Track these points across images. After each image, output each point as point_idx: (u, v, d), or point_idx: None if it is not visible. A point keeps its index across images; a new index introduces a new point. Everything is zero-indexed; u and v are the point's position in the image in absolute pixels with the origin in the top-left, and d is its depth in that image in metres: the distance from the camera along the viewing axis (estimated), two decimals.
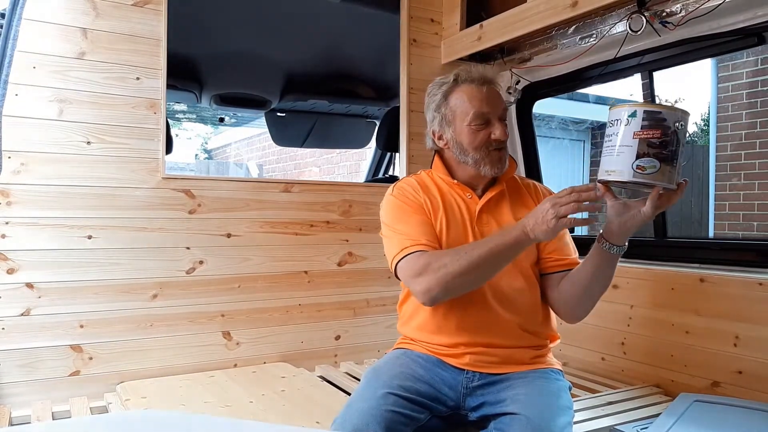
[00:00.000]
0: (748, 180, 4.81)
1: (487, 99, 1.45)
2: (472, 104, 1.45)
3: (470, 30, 2.53)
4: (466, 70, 1.49)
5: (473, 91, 1.46)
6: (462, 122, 1.46)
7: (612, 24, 2.07)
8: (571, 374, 2.21)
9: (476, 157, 1.46)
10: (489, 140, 1.45)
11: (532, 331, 1.48)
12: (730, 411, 1.66)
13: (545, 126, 6.26)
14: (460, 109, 1.47)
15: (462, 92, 1.47)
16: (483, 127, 1.45)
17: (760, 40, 1.86)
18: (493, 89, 1.47)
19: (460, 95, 1.47)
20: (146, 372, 2.09)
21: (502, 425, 1.28)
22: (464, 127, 1.46)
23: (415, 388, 1.34)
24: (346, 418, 1.27)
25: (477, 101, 1.45)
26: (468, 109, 1.45)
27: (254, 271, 2.30)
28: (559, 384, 1.42)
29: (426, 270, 1.32)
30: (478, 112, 1.44)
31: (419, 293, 1.35)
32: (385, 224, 1.49)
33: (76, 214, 1.99)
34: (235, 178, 4.41)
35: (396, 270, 1.41)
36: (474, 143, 1.45)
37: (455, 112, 1.48)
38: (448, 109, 1.49)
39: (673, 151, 1.24)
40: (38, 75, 1.93)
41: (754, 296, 1.80)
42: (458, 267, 1.29)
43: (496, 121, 1.45)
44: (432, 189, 1.52)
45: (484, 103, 1.44)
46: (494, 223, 1.49)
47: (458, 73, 1.50)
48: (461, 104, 1.47)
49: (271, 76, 2.86)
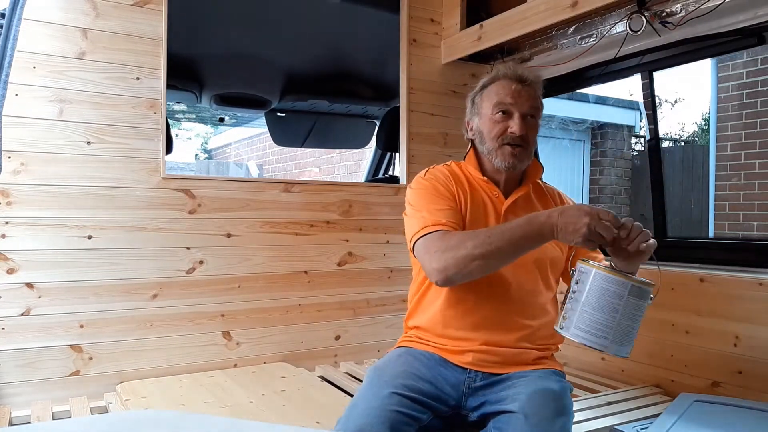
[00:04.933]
0: (748, 180, 4.81)
1: (514, 93, 1.47)
2: (498, 95, 1.48)
3: (470, 30, 2.53)
4: (507, 67, 1.52)
5: (505, 84, 1.49)
6: (487, 111, 1.50)
7: (612, 24, 2.07)
8: (571, 374, 2.21)
9: (491, 147, 1.48)
10: (505, 133, 1.46)
11: (540, 335, 1.48)
12: (730, 411, 1.66)
13: (545, 126, 6.26)
14: (487, 99, 1.50)
15: (496, 85, 1.50)
16: (503, 119, 1.47)
17: (760, 40, 1.86)
18: (526, 87, 1.48)
19: (493, 87, 1.51)
20: (146, 372, 2.09)
21: (500, 424, 1.28)
22: (487, 116, 1.49)
23: (418, 387, 1.34)
24: (350, 418, 1.27)
25: (503, 93, 1.47)
26: (493, 99, 1.48)
27: (254, 271, 2.30)
28: (560, 385, 1.42)
29: (447, 249, 1.29)
30: (499, 102, 1.47)
31: (434, 271, 1.31)
32: (411, 205, 1.47)
33: (76, 214, 1.99)
34: (235, 178, 4.41)
35: (414, 247, 1.38)
36: (491, 133, 1.48)
37: (484, 101, 1.52)
38: (480, 99, 1.53)
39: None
40: (38, 75, 1.93)
41: (754, 296, 1.80)
42: (478, 251, 1.26)
43: (517, 116, 1.46)
44: (463, 181, 1.53)
45: (509, 96, 1.46)
46: None
47: (500, 69, 1.53)
48: (490, 95, 1.50)
49: (271, 76, 2.86)
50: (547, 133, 6.37)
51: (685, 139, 7.00)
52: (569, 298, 1.28)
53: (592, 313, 1.24)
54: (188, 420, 0.73)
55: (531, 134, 1.48)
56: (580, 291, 1.26)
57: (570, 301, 1.28)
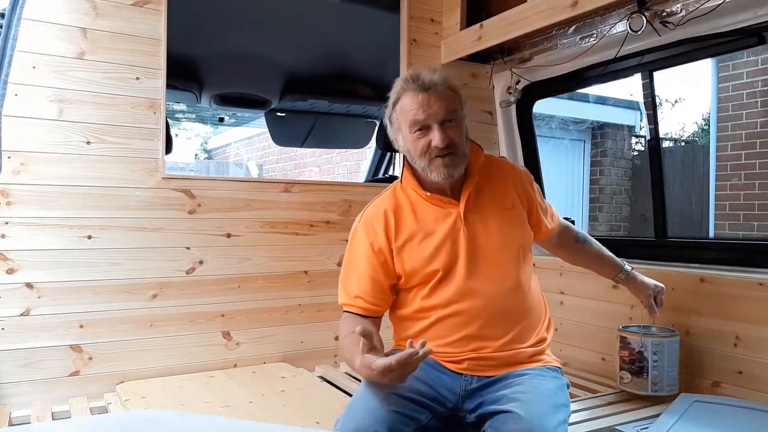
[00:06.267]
0: (748, 180, 4.81)
1: (424, 105, 1.40)
2: (410, 112, 1.42)
3: (470, 30, 2.53)
4: (410, 76, 1.45)
5: (412, 97, 1.42)
6: (405, 130, 1.46)
7: (612, 24, 2.07)
8: (571, 374, 2.21)
9: (422, 165, 1.45)
10: (430, 147, 1.42)
11: (529, 334, 1.48)
12: (730, 411, 1.66)
13: (545, 126, 6.25)
14: (402, 117, 1.46)
15: (404, 99, 1.45)
16: (423, 134, 1.42)
17: (760, 40, 1.86)
18: (435, 93, 1.41)
19: (402, 103, 1.45)
20: (146, 372, 2.09)
21: (497, 423, 1.28)
22: (408, 135, 1.45)
23: (416, 388, 1.34)
24: (348, 417, 1.27)
25: (414, 109, 1.42)
26: (407, 117, 1.43)
27: (254, 271, 2.30)
28: (556, 382, 1.42)
29: (340, 335, 1.49)
30: (414, 120, 1.42)
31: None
32: (346, 250, 1.60)
33: (76, 214, 1.99)
34: (235, 178, 4.41)
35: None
36: (416, 151, 1.44)
37: (400, 120, 1.47)
38: (395, 117, 1.49)
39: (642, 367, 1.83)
40: (38, 75, 1.93)
41: (754, 296, 1.80)
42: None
43: (436, 128, 1.41)
44: (403, 208, 1.51)
45: (420, 110, 1.41)
46: (480, 221, 1.49)
47: (404, 78, 1.47)
48: (402, 112, 1.45)
49: (271, 76, 2.86)
50: (547, 133, 6.37)
51: (686, 139, 6.99)
52: (652, 366, 1.82)
53: (671, 369, 1.84)
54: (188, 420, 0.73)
55: (456, 137, 1.43)
56: (661, 359, 1.82)
57: (655, 369, 1.82)
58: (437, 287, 1.46)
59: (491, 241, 1.48)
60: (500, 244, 1.48)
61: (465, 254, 1.45)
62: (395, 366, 1.17)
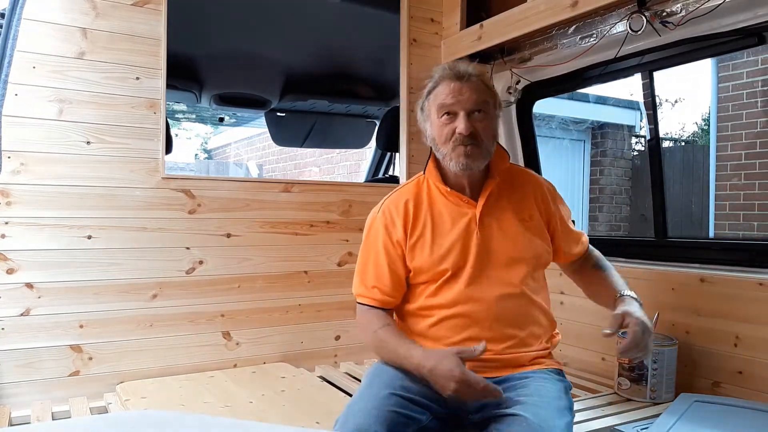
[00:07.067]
0: (748, 180, 4.81)
1: (455, 92, 1.43)
2: (440, 96, 1.45)
3: (470, 30, 2.53)
4: (447, 66, 1.49)
5: (445, 85, 1.46)
6: (434, 116, 1.48)
7: (612, 24, 2.07)
8: (571, 374, 2.21)
9: (444, 152, 1.46)
10: (454, 134, 1.43)
11: (530, 340, 1.48)
12: (730, 411, 1.65)
13: (545, 126, 6.26)
14: (433, 104, 1.48)
15: (438, 89, 1.48)
16: (450, 121, 1.44)
17: (760, 40, 1.86)
18: (468, 83, 1.44)
19: (436, 91, 1.48)
20: (146, 372, 2.09)
21: (503, 426, 1.28)
22: (435, 120, 1.47)
23: (416, 388, 1.34)
24: (348, 418, 1.27)
25: (445, 94, 1.44)
26: (437, 101, 1.46)
27: (254, 271, 2.30)
28: (559, 385, 1.42)
29: (361, 330, 1.53)
30: (442, 104, 1.44)
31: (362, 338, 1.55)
32: (360, 250, 1.56)
33: (76, 214, 1.99)
34: (234, 178, 4.41)
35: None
36: (441, 137, 1.46)
37: (431, 107, 1.49)
38: (427, 105, 1.51)
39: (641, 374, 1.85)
40: (38, 75, 1.93)
41: (754, 296, 1.80)
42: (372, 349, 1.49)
43: (462, 115, 1.42)
44: (422, 202, 1.51)
45: (450, 96, 1.43)
46: (495, 225, 1.49)
47: (441, 67, 1.50)
48: (434, 99, 1.48)
49: (271, 76, 2.86)
50: (547, 133, 6.37)
51: (686, 139, 6.99)
52: (652, 374, 1.84)
53: (669, 377, 1.86)
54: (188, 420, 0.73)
55: (482, 129, 1.43)
56: (661, 367, 1.85)
57: (654, 377, 1.84)
58: (443, 287, 1.46)
59: (502, 247, 1.47)
60: (511, 250, 1.48)
61: (474, 258, 1.45)
62: (484, 386, 1.27)
